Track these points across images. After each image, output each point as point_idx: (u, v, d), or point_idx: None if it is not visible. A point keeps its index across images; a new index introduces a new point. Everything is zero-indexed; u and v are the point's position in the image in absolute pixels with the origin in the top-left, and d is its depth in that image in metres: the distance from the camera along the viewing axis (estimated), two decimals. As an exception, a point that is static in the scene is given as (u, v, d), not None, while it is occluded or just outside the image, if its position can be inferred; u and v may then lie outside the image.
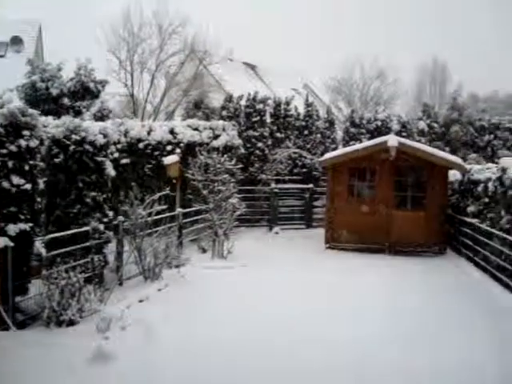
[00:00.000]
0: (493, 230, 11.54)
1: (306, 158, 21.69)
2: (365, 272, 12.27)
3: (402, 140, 15.32)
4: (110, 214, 10.36)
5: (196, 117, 21.57)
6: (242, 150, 18.32)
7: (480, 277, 11.94)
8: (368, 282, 11.24)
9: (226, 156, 14.51)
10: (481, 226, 12.50)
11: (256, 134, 20.80)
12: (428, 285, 11.30)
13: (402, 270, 12.75)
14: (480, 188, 13.12)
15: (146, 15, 27.80)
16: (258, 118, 21.09)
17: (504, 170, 11.27)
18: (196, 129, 16.60)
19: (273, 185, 19.43)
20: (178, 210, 13.19)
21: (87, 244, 9.45)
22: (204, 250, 13.80)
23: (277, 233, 18.50)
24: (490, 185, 12.23)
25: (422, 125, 25.82)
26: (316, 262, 13.44)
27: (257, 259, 13.07)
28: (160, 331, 7.52)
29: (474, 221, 13.06)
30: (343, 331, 7.88)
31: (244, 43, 43.51)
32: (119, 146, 15.79)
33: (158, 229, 11.19)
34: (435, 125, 26.04)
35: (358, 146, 16.35)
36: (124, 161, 15.73)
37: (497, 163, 12.80)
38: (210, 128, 16.75)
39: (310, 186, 20.05)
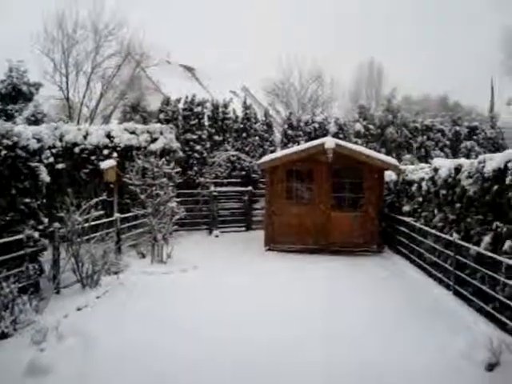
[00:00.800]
0: (427, 228, 11.89)
1: (244, 160, 21.78)
2: (304, 272, 12.48)
3: (339, 142, 15.57)
4: (45, 220, 10.06)
5: (133, 120, 21.26)
6: (181, 154, 18.16)
7: (414, 273, 12.30)
8: (308, 282, 11.46)
9: (163, 159, 14.35)
10: (415, 224, 12.85)
11: (194, 137, 20.75)
12: (365, 283, 11.57)
13: (340, 269, 12.96)
14: (414, 188, 13.49)
15: (81, 15, 27.11)
16: (196, 120, 21.04)
17: (436, 171, 11.63)
18: (133, 132, 16.36)
19: (212, 188, 19.39)
20: (116, 215, 12.95)
21: (21, 253, 9.13)
22: (143, 256, 13.61)
23: (217, 236, 18.46)
24: (423, 184, 12.60)
25: (359, 126, 26.41)
26: (256, 265, 13.45)
27: (197, 263, 12.98)
28: (99, 340, 7.32)
29: (409, 219, 13.41)
30: (272, 332, 7.95)
31: (182, 45, 43.28)
32: (54, 151, 15.40)
33: (95, 235, 10.93)
34: (371, 126, 26.68)
35: (295, 148, 16.52)
36: (60, 166, 15.35)
37: (430, 164, 13.20)
38: (148, 131, 16.54)
39: (249, 188, 20.16)
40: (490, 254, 8.25)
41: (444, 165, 11.20)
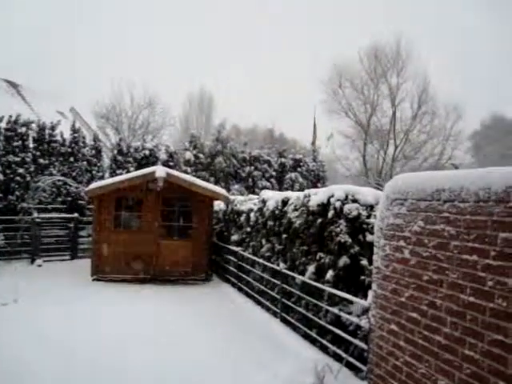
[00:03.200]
0: (255, 258, 12.28)
1: (71, 186, 20.86)
2: (132, 302, 12.29)
3: (170, 171, 15.57)
4: None
5: None
6: (1, 177, 16.93)
7: (243, 301, 12.62)
8: (135, 311, 11.34)
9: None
10: (243, 253, 13.22)
11: (17, 159, 19.44)
12: (192, 310, 11.61)
13: (167, 299, 12.89)
14: (243, 218, 13.92)
15: None
16: (20, 142, 19.76)
17: (264, 202, 12.11)
18: None
19: (35, 214, 18.25)
20: None
21: None
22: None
23: (40, 265, 17.33)
24: (251, 215, 13.04)
25: (189, 155, 26.65)
26: (81, 295, 12.89)
27: (18, 296, 12.07)
28: None
29: (237, 249, 13.76)
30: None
31: (5, 58, 40.64)
32: None
33: None
34: (201, 155, 27.07)
35: (125, 175, 16.19)
36: None
37: (258, 195, 13.70)
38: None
39: (75, 215, 19.32)
40: (313, 283, 8.74)
41: (272, 197, 11.71)
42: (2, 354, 8.25)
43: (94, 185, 15.46)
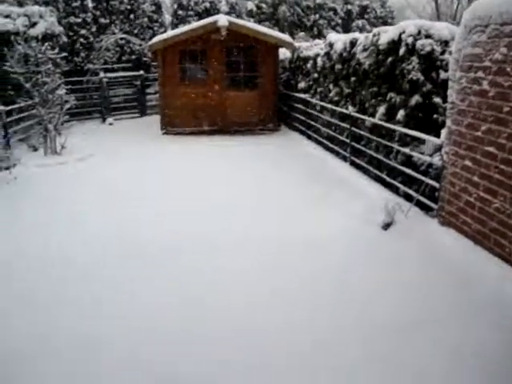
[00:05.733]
0: (323, 104, 12.07)
1: (134, 44, 20.74)
2: (203, 152, 12.74)
3: (232, 19, 15.08)
4: None
5: (6, 3, 19.35)
6: (65, 39, 16.96)
7: (312, 148, 12.69)
8: (211, 159, 11.85)
9: (47, 45, 13.29)
10: (311, 100, 13.01)
11: (78, 20, 19.31)
12: (263, 157, 11.90)
13: (241, 146, 13.22)
14: (309, 64, 13.51)
15: None
16: (79, 2, 19.49)
17: (331, 45, 11.64)
18: (8, 16, 14.93)
19: (101, 74, 18.42)
20: (0, 107, 12.04)
21: None
22: (35, 149, 12.93)
23: (111, 124, 17.84)
24: (318, 60, 12.62)
25: (251, 5, 25.71)
26: (155, 148, 13.40)
27: (93, 151, 12.61)
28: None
29: (305, 96, 13.54)
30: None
31: None
32: None
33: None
34: (263, 5, 26.02)
35: (187, 27, 15.78)
36: None
37: (324, 39, 13.16)
38: (25, 15, 15.16)
39: (141, 72, 19.37)
40: (384, 123, 8.55)
41: (339, 39, 11.21)
42: (78, 198, 8.89)
43: (156, 38, 15.23)
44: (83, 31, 19.33)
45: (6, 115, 11.90)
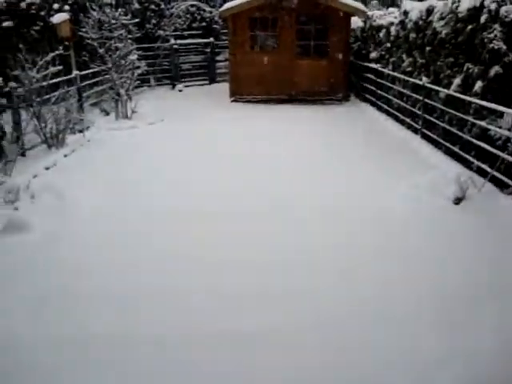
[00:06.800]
0: (395, 74, 11.76)
1: (204, 10, 20.72)
2: (272, 119, 12.81)
3: (304, -14, 14.81)
4: (-1, 80, 9.54)
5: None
6: (137, 5, 17.16)
7: (383, 119, 12.47)
8: (282, 124, 12.11)
9: (120, 10, 13.49)
10: (383, 70, 12.69)
11: (150, -14, 19.42)
12: (333, 129, 11.78)
13: (306, 116, 13.21)
14: (382, 33, 13.14)
15: None
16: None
17: (406, 14, 11.25)
18: (83, -18, 15.22)
19: (172, 41, 18.55)
20: (75, 72, 12.35)
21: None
22: (107, 113, 13.25)
23: (180, 90, 18.01)
24: (392, 29, 12.26)
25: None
26: (223, 114, 13.52)
27: (163, 116, 12.86)
28: (72, 197, 7.24)
29: (376, 66, 13.21)
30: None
31: None
32: (-2, 8, 14.26)
33: (55, 94, 10.45)
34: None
35: (258, -7, 15.66)
36: (5, 24, 14.29)
37: (399, 7, 12.75)
38: (100, -19, 15.40)
39: (211, 40, 19.37)
40: (459, 95, 8.25)
41: (415, 7, 10.81)
42: (154, 158, 9.04)
43: (227, 5, 15.16)
44: (155, -2, 19.45)
45: (80, 80, 12.22)
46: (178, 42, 18.79)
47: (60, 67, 10.84)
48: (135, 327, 4.23)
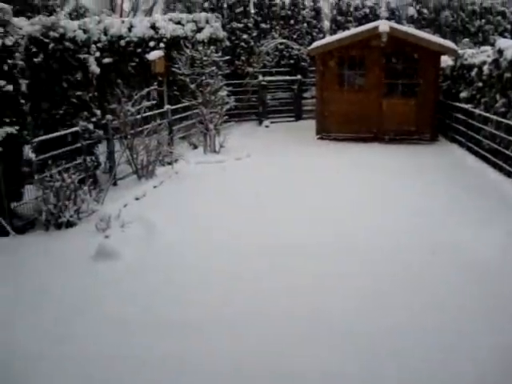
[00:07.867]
0: (488, 115, 11.41)
1: (292, 48, 21.09)
2: (360, 157, 12.81)
3: (393, 25, 14.79)
4: (98, 112, 10.05)
5: (177, 10, 20.64)
6: (227, 43, 17.69)
7: (473, 161, 12.02)
8: (367, 165, 11.92)
9: (212, 48, 13.97)
10: (474, 110, 12.35)
11: (240, 25, 20.04)
12: (422, 167, 11.68)
13: (396, 156, 12.96)
14: (474, 72, 12.83)
15: None
16: (242, 8, 20.22)
17: (501, 52, 10.94)
18: (178, 22, 15.98)
19: (260, 77, 18.95)
20: (167, 106, 12.84)
21: (78, 145, 9.22)
22: (195, 146, 13.64)
23: (267, 126, 18.27)
24: (485, 68, 11.95)
25: (412, 11, 25.03)
26: (309, 150, 13.62)
27: (250, 152, 13.02)
28: (160, 227, 7.47)
29: (467, 106, 12.89)
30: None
31: None
32: (100, 45, 15.16)
33: (147, 126, 10.90)
34: (425, 10, 25.21)
35: (347, 32, 15.75)
36: (106, 60, 15.18)
37: (492, 46, 12.43)
38: (193, 21, 16.11)
39: (299, 77, 19.61)
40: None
41: (511, 45, 10.51)
42: (241, 191, 9.45)
43: (316, 43, 15.36)
44: (245, 36, 19.99)
45: (171, 114, 12.67)
46: (266, 78, 19.16)
47: (154, 101, 11.33)
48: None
